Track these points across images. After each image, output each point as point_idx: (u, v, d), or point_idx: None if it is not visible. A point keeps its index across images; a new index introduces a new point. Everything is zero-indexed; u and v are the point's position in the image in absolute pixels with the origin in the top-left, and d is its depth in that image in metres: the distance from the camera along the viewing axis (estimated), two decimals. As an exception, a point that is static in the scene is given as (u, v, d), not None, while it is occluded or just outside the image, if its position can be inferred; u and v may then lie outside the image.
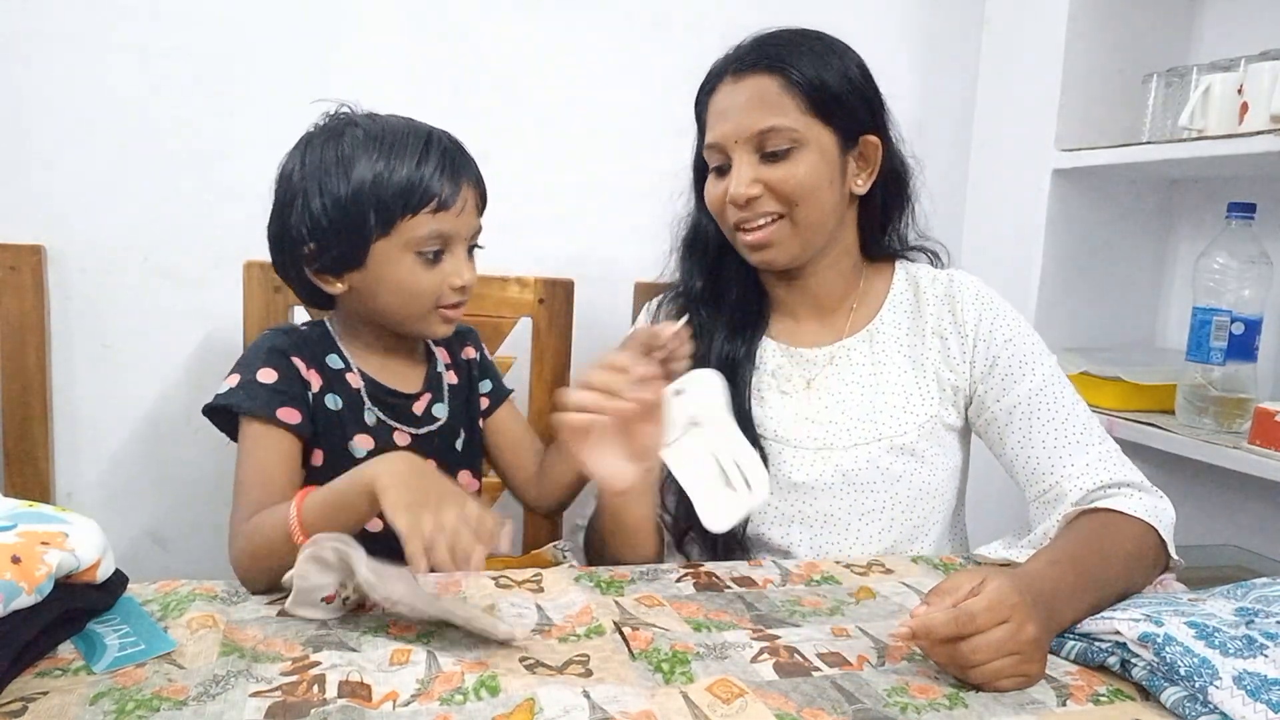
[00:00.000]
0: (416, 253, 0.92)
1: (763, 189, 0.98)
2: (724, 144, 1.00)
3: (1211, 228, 1.52)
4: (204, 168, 1.38)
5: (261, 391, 0.91)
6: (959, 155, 1.75)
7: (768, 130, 0.97)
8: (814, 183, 0.98)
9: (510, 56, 1.51)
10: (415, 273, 0.92)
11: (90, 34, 1.32)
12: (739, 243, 1.03)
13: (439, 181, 0.91)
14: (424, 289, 0.93)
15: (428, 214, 0.91)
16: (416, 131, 0.93)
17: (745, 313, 1.08)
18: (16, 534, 0.66)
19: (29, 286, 1.28)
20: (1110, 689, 0.71)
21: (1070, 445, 0.98)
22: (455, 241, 0.94)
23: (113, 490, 1.41)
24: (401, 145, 0.91)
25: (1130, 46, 1.58)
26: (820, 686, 0.69)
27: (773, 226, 1.00)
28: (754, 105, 0.98)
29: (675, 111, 1.56)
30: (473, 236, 0.97)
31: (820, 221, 1.01)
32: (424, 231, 0.91)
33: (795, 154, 0.98)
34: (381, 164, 0.90)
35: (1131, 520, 0.90)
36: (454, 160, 0.93)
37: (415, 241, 0.91)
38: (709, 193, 1.04)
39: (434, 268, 0.93)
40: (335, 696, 0.63)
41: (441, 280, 0.94)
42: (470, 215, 0.95)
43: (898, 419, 1.03)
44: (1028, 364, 1.02)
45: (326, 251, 0.92)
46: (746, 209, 0.99)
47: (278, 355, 0.93)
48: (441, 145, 0.94)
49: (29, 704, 0.60)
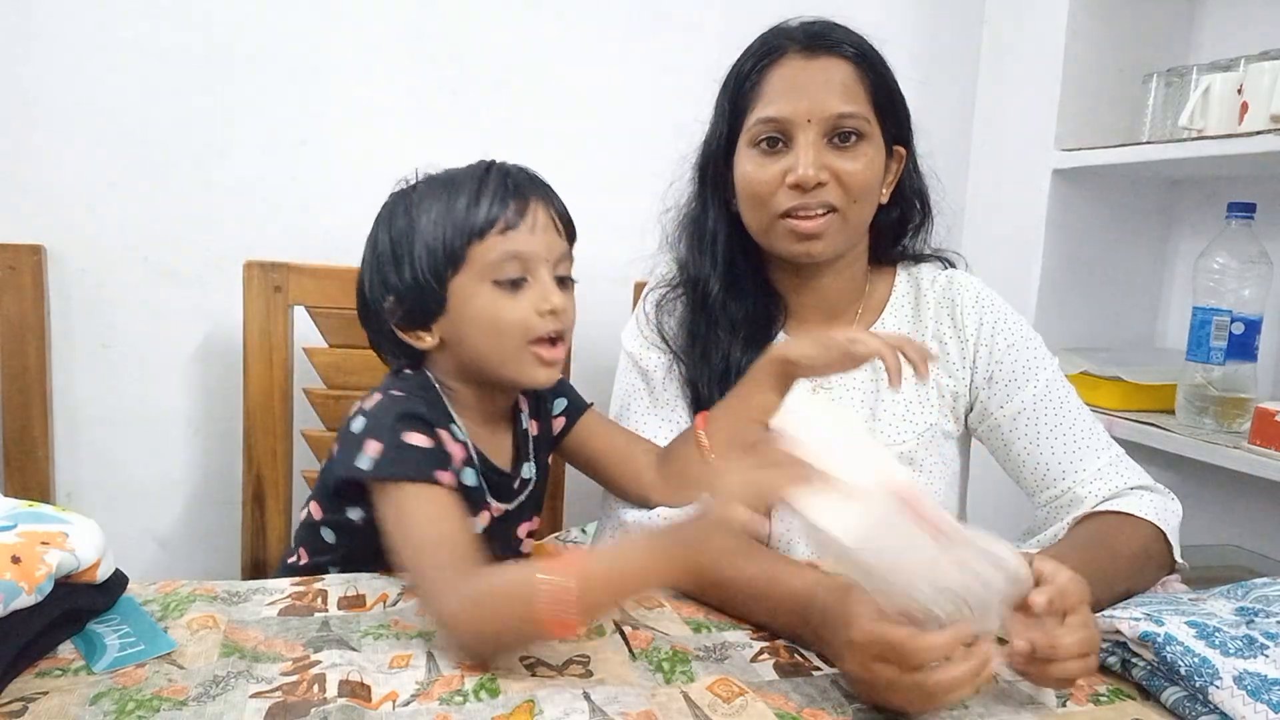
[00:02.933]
0: (494, 281, 0.84)
1: (829, 176, 0.93)
2: (793, 119, 0.93)
3: (1211, 228, 1.52)
4: (204, 168, 1.38)
5: (418, 455, 0.80)
6: (959, 155, 1.75)
7: (846, 115, 0.92)
8: (873, 181, 0.96)
9: (510, 56, 1.51)
10: (497, 303, 0.84)
11: (90, 34, 1.31)
12: (780, 230, 0.96)
13: (502, 201, 0.85)
14: (509, 320, 0.84)
15: (496, 235, 0.84)
16: (476, 166, 0.89)
17: (760, 319, 1.03)
18: (16, 534, 0.66)
19: (29, 286, 1.27)
20: (1110, 689, 0.71)
21: (1080, 450, 0.97)
22: (535, 264, 0.85)
23: (113, 490, 1.41)
24: (462, 180, 0.87)
25: (1130, 46, 1.58)
26: (820, 686, 0.69)
27: (828, 218, 0.94)
28: (833, 87, 0.93)
29: (675, 111, 1.55)
30: (559, 261, 0.88)
31: (865, 221, 0.99)
32: (495, 255, 0.84)
33: (862, 146, 0.94)
34: (444, 202, 0.86)
35: (1139, 521, 0.90)
36: (517, 181, 0.88)
37: (489, 268, 0.84)
38: (753, 173, 0.96)
39: (517, 295, 0.85)
40: (335, 696, 0.63)
41: (528, 309, 0.85)
42: (547, 234, 0.87)
43: (896, 428, 1.02)
44: (1031, 368, 1.01)
45: (406, 301, 0.87)
46: (809, 194, 0.93)
47: (420, 423, 0.83)
48: (503, 170, 0.89)
49: (29, 704, 0.60)
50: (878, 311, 1.07)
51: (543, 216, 0.86)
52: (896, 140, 1.00)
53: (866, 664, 0.64)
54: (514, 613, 0.69)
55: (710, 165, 1.03)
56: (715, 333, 1.01)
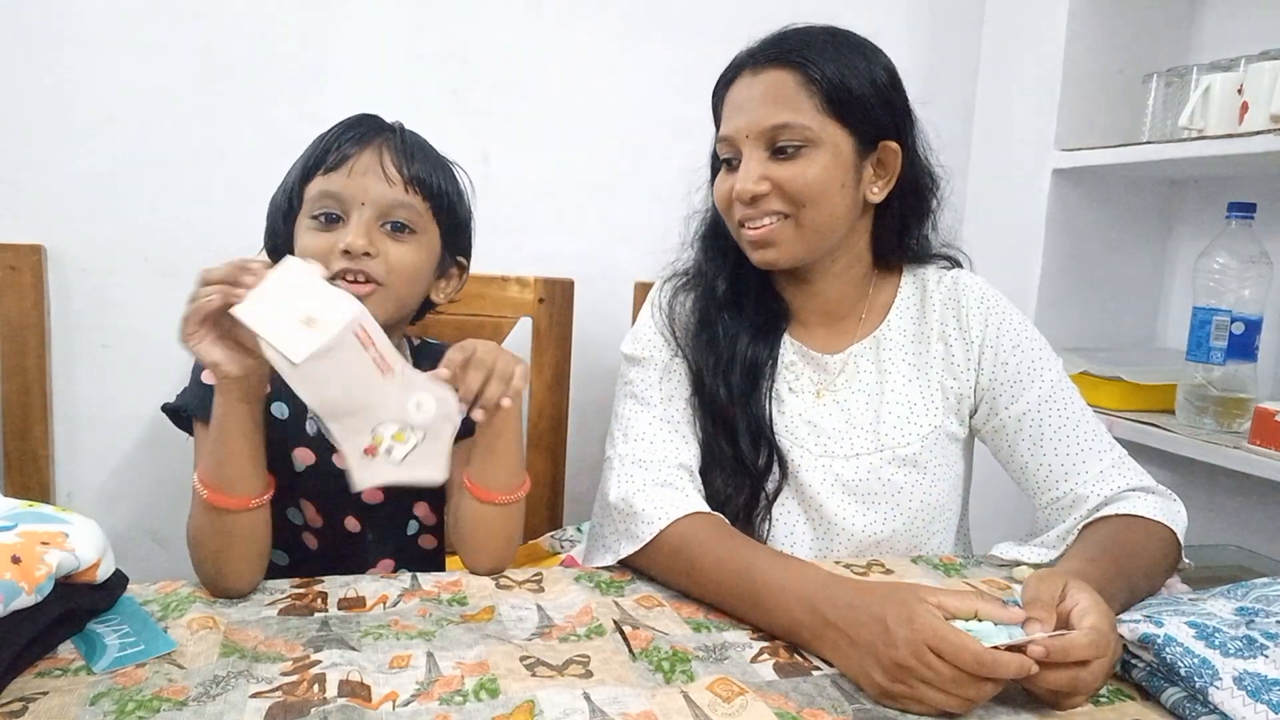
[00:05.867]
0: (310, 217, 0.90)
1: (770, 186, 0.95)
2: (735, 138, 0.97)
3: (1211, 228, 1.52)
4: (204, 168, 1.38)
5: (206, 392, 0.86)
6: (959, 155, 1.75)
7: (780, 126, 0.94)
8: (823, 185, 0.95)
9: (510, 56, 1.51)
10: (305, 236, 0.89)
11: (90, 34, 1.31)
12: (742, 240, 1.00)
13: (336, 144, 0.89)
14: (311, 252, 0.87)
15: (320, 176, 0.89)
16: (355, 116, 0.94)
17: (766, 315, 1.05)
18: (16, 534, 0.66)
19: (29, 286, 1.28)
20: (1110, 689, 0.71)
21: (1084, 451, 0.98)
22: (351, 207, 0.89)
23: (113, 490, 1.41)
24: (331, 129, 0.93)
25: (1130, 46, 1.58)
26: (820, 686, 0.70)
27: (775, 225, 0.97)
28: (769, 100, 0.95)
29: (675, 111, 1.56)
30: (386, 209, 0.90)
31: (827, 225, 0.98)
32: (314, 193, 0.89)
33: (807, 153, 0.95)
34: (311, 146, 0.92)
35: (1152, 524, 0.91)
36: (366, 129, 0.91)
37: (309, 204, 0.90)
38: (717, 188, 1.02)
39: (327, 232, 0.89)
40: (335, 696, 0.63)
41: (330, 244, 0.87)
42: (369, 178, 0.89)
43: (901, 429, 1.02)
44: (1036, 370, 1.01)
45: (269, 241, 0.95)
46: (752, 206, 0.96)
47: None
48: (362, 118, 0.93)
49: (29, 704, 0.60)
50: (883, 314, 1.07)
51: (368, 161, 0.90)
52: (883, 136, 0.98)
53: (921, 653, 0.65)
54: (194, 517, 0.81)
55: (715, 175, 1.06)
56: (724, 320, 1.03)
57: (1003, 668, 0.64)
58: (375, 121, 0.95)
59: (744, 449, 0.99)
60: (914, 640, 0.65)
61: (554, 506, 1.40)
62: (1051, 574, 0.74)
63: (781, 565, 0.81)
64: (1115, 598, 0.77)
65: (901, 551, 1.02)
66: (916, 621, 0.66)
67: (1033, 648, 0.65)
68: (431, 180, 0.94)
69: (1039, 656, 0.64)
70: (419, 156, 0.94)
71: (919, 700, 0.66)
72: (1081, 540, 0.92)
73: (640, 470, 0.95)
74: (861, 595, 0.73)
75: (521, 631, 0.76)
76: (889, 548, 1.02)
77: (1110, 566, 0.82)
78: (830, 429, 1.03)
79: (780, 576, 0.79)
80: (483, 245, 1.08)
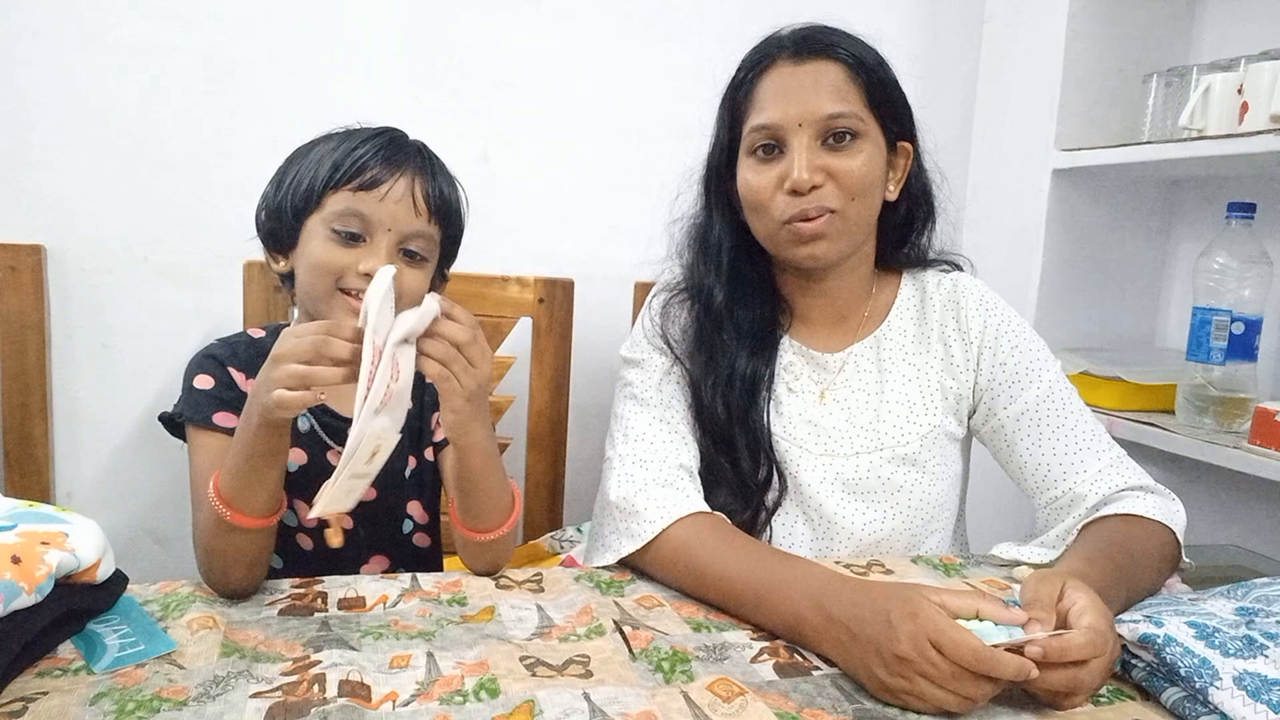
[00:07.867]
0: (332, 229, 0.89)
1: (825, 177, 0.93)
2: (784, 125, 0.94)
3: (1211, 228, 1.52)
4: (204, 168, 1.38)
5: (200, 398, 0.90)
6: (959, 155, 1.75)
7: (835, 115, 0.93)
8: (872, 179, 0.96)
9: (510, 56, 1.51)
10: (325, 248, 0.90)
11: (91, 34, 1.31)
12: (783, 236, 0.96)
13: (372, 163, 0.90)
14: (328, 264, 0.89)
15: (349, 190, 0.89)
16: (381, 129, 0.94)
17: (765, 324, 1.04)
18: (16, 534, 0.66)
19: (29, 286, 1.28)
20: (1110, 689, 0.71)
21: (1082, 451, 0.98)
22: (377, 230, 0.90)
23: (113, 490, 1.41)
24: (358, 135, 0.92)
25: (1130, 46, 1.58)
26: (820, 685, 0.70)
27: (826, 219, 0.94)
28: (822, 89, 0.93)
29: (675, 112, 1.56)
30: (407, 237, 0.91)
31: (867, 221, 0.99)
32: (341, 207, 0.90)
33: (859, 145, 0.94)
34: (332, 147, 0.92)
35: (1151, 523, 0.91)
36: (398, 153, 0.92)
37: (333, 216, 0.90)
38: (753, 180, 0.97)
39: (347, 249, 0.90)
40: (335, 696, 0.63)
41: (351, 263, 0.89)
42: (402, 209, 0.90)
43: (900, 429, 1.02)
44: (1034, 370, 1.02)
45: (270, 221, 0.94)
46: (807, 197, 0.93)
47: (213, 363, 0.93)
48: (394, 138, 0.93)
49: (29, 704, 0.60)
50: (883, 315, 1.07)
51: (402, 189, 0.91)
52: (900, 137, 1.00)
53: (922, 647, 0.65)
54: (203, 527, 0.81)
55: (714, 176, 1.04)
56: (721, 338, 1.01)
57: (1002, 667, 0.64)
58: (403, 141, 0.95)
59: (744, 467, 0.99)
60: (916, 634, 0.66)
61: (554, 507, 1.40)
62: (1050, 574, 0.74)
63: (787, 563, 0.82)
64: (1114, 597, 0.77)
65: (900, 550, 1.02)
66: (920, 616, 0.66)
67: (1030, 648, 0.65)
68: (450, 210, 0.96)
69: (1036, 656, 0.64)
70: (442, 183, 0.95)
71: (918, 695, 0.66)
72: (1080, 540, 0.92)
73: (641, 470, 0.95)
74: (866, 592, 0.73)
75: (521, 631, 0.76)
76: (888, 546, 1.02)
77: (1109, 566, 0.82)
78: (830, 428, 1.03)
79: (786, 574, 0.79)
80: (483, 245, 1.08)
